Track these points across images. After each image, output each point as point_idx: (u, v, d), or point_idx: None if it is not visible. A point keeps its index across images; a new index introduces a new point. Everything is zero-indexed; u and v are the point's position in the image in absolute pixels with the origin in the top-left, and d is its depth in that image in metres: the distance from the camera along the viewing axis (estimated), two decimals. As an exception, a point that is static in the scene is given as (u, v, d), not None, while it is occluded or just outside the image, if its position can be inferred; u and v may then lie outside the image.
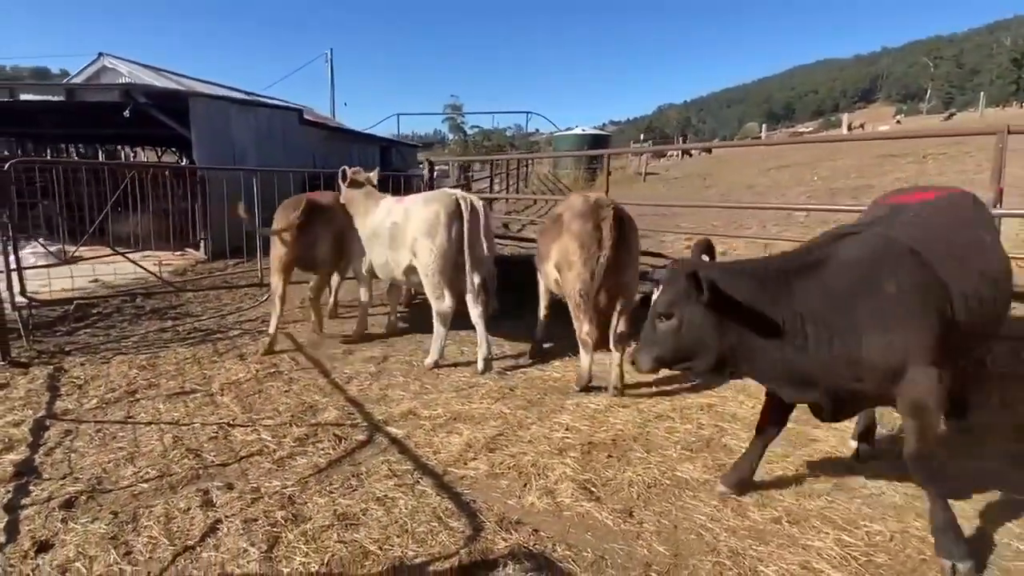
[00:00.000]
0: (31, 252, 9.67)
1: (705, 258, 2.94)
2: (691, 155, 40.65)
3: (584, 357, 4.58)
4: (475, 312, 5.07)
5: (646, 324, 2.86)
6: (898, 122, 67.60)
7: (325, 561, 2.71)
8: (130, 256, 7.87)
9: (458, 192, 5.09)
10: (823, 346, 2.63)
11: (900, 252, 2.67)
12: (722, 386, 4.69)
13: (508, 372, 5.13)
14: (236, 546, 2.83)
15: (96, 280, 8.80)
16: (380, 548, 2.80)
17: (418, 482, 3.39)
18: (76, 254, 8.01)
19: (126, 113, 9.65)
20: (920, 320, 2.56)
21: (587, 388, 4.62)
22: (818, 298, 2.65)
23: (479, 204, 5.16)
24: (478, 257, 5.06)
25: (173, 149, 20.14)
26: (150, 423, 4.30)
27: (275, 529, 2.97)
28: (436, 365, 5.25)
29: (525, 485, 3.33)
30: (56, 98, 9.73)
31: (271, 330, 5.95)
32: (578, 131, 25.37)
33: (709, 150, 27.42)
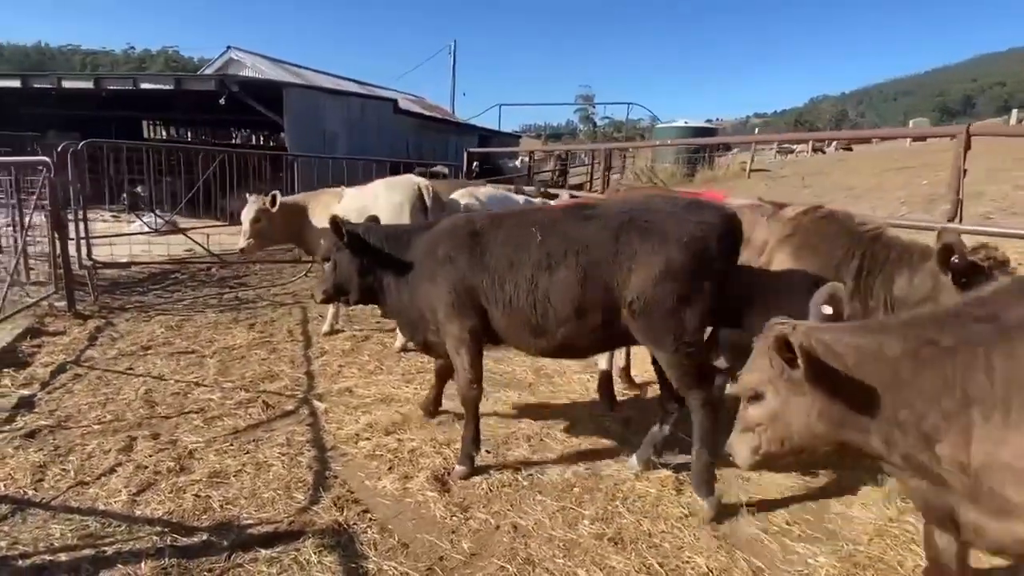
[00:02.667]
0: (145, 222, 11.19)
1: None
2: (823, 151, 37.46)
3: None
4: None
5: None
6: (1103, 119, 57.13)
7: (171, 511, 3.03)
8: (184, 230, 8.83)
9: (421, 180, 5.22)
10: (411, 289, 3.53)
11: (461, 232, 3.39)
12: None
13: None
14: (116, 487, 3.23)
15: (190, 249, 9.98)
16: (222, 506, 3.07)
17: (301, 453, 3.63)
18: (166, 227, 9.16)
19: (221, 101, 10.75)
20: (446, 284, 3.33)
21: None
22: (415, 252, 3.52)
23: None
24: None
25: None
26: (140, 375, 4.91)
27: (156, 477, 3.34)
28: (403, 349, 5.46)
29: (390, 469, 3.45)
30: (167, 87, 11.08)
31: None
32: (680, 123, 24.24)
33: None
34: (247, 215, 5.99)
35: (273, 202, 5.88)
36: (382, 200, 5.24)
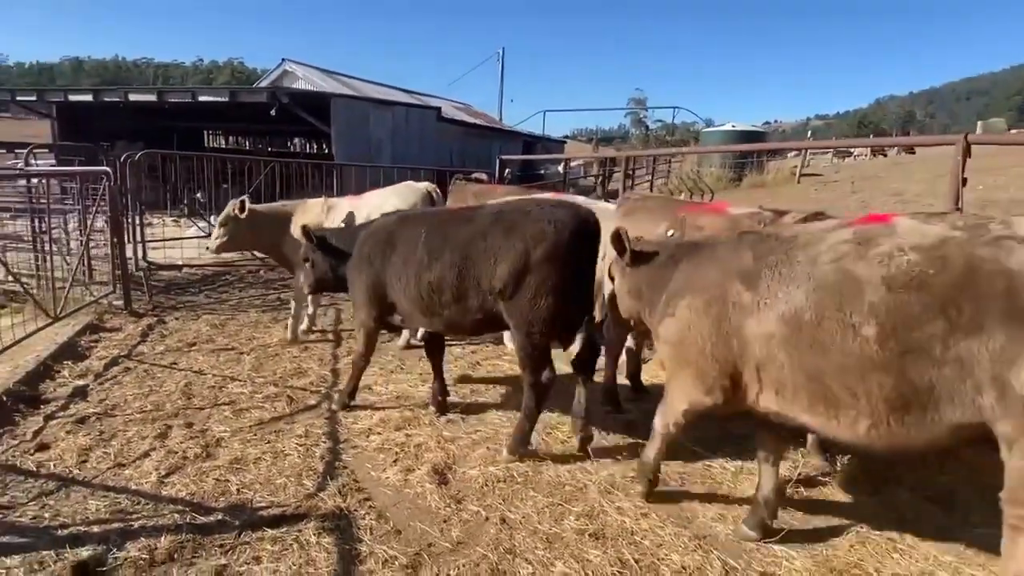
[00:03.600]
0: (200, 228, 11.84)
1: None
2: (885, 154, 35.95)
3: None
4: None
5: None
6: None
7: (193, 492, 3.31)
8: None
9: (428, 184, 5.44)
10: (350, 277, 4.34)
11: (381, 233, 4.14)
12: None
13: (480, 363, 5.41)
14: (148, 470, 3.55)
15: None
16: (239, 490, 3.33)
17: (317, 444, 3.88)
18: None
19: (272, 112, 11.30)
20: (365, 279, 4.14)
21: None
22: (356, 248, 4.26)
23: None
24: None
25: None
26: (183, 370, 5.30)
27: (184, 461, 3.65)
28: (407, 346, 5.85)
29: (395, 462, 3.65)
30: (223, 99, 11.73)
31: None
32: (727, 127, 23.80)
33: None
34: (219, 217, 6.14)
35: (241, 208, 5.87)
36: (396, 203, 5.49)
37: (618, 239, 3.14)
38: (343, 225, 5.72)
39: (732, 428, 3.93)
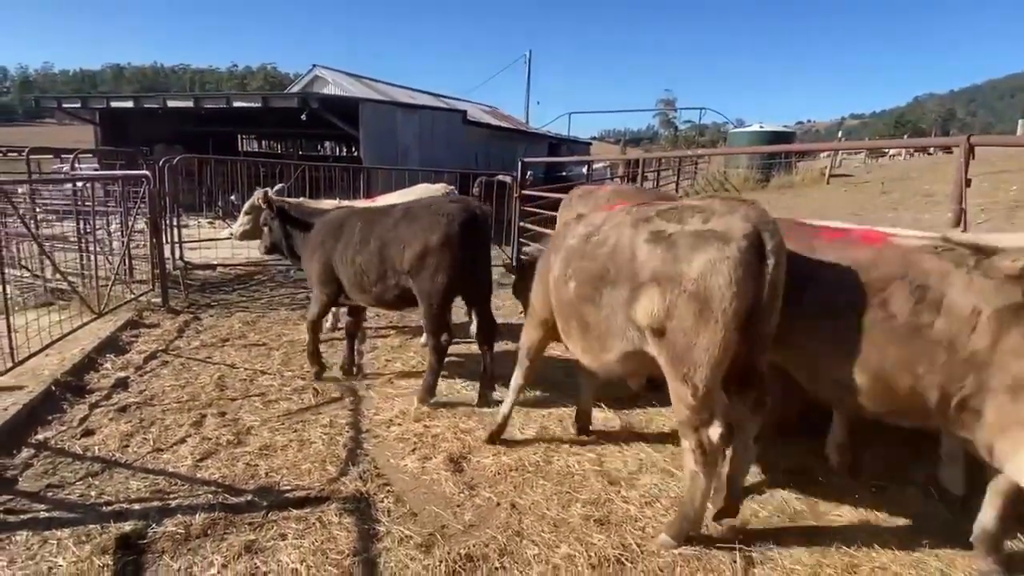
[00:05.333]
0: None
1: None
2: (929, 153, 34.79)
3: None
4: None
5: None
6: None
7: (225, 475, 3.54)
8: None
9: (441, 185, 5.64)
10: (306, 256, 5.14)
11: (334, 223, 4.88)
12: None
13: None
14: (184, 454, 3.80)
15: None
16: (267, 474, 3.55)
17: (341, 433, 4.09)
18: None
19: (303, 117, 11.64)
20: (319, 259, 4.88)
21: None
22: (312, 231, 5.07)
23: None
24: None
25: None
26: (216, 363, 5.57)
27: (217, 447, 3.88)
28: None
29: (413, 450, 3.84)
30: (255, 104, 12.12)
31: None
32: (755, 128, 23.56)
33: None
34: (245, 206, 6.61)
35: (264, 198, 6.01)
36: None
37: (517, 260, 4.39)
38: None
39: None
